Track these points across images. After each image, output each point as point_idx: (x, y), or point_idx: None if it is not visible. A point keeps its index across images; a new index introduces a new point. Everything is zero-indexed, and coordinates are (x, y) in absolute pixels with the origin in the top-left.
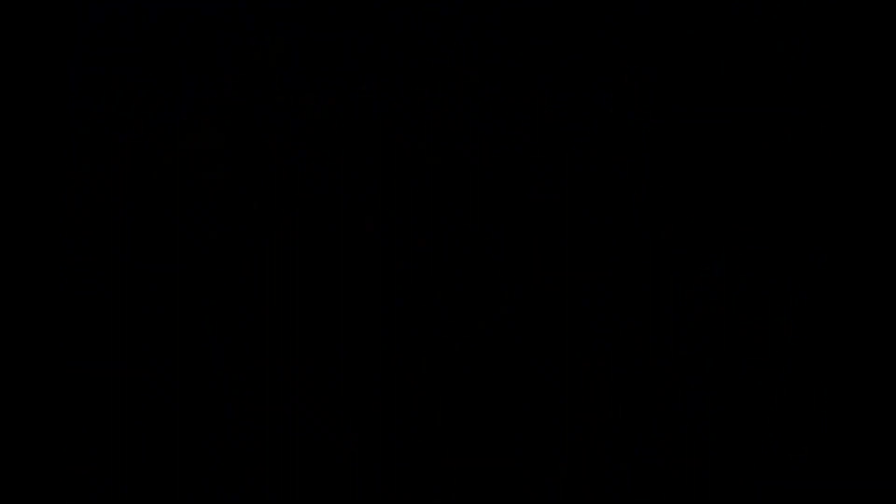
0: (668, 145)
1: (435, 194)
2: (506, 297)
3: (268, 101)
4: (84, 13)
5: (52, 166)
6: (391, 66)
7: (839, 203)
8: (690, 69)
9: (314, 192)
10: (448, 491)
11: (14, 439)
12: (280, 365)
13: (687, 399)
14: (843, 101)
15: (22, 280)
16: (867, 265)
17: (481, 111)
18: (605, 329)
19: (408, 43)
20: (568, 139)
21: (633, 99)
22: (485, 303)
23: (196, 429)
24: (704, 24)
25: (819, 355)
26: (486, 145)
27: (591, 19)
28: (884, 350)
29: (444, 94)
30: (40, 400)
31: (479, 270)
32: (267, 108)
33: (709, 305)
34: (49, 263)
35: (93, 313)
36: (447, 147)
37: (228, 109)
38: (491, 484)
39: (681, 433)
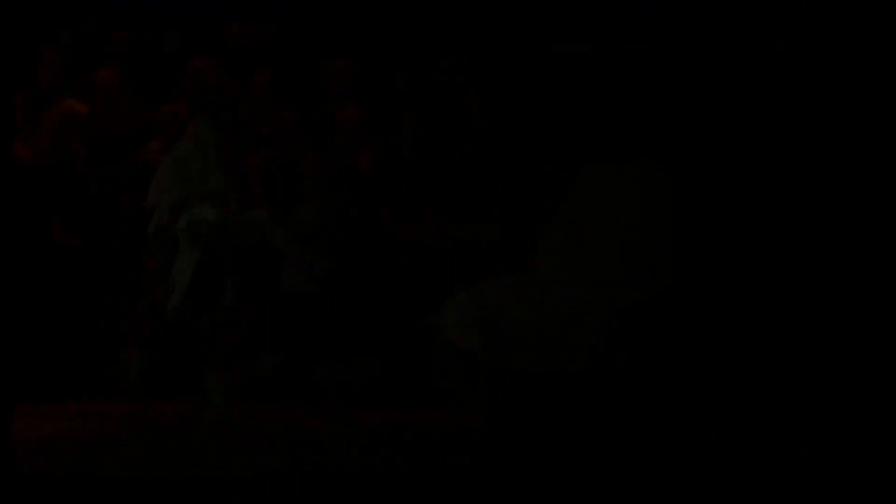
0: (667, 145)
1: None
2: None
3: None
4: None
5: None
6: None
7: (839, 203)
8: (691, 70)
9: None
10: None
11: None
12: None
13: (687, 398)
14: (843, 100)
15: None
16: (867, 265)
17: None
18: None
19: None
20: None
21: (630, 98)
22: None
23: None
24: (705, 25)
25: (818, 355)
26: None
27: (590, 18)
28: (884, 350)
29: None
30: None
31: (479, 269)
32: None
33: (709, 305)
34: None
35: None
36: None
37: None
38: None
39: (680, 433)
